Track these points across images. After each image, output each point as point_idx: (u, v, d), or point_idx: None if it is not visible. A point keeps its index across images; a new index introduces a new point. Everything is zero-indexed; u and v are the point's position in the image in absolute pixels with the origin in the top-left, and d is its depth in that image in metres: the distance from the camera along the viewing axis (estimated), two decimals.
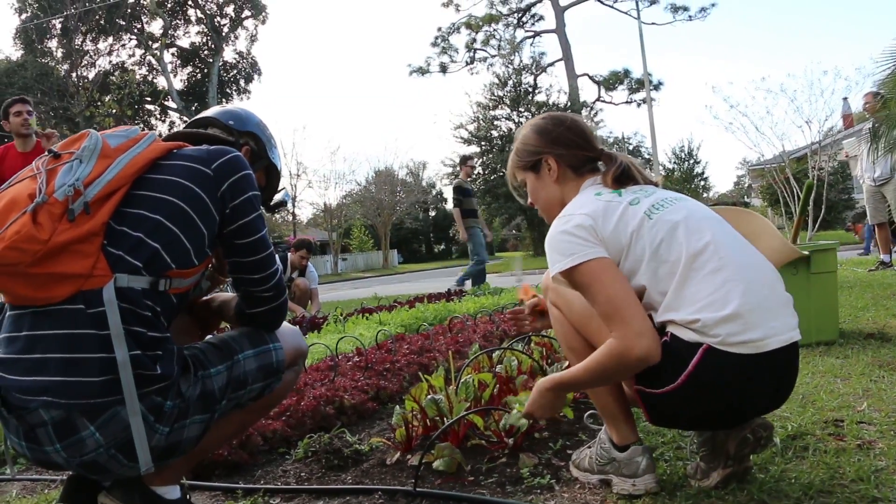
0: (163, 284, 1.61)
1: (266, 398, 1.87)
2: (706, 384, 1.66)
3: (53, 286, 1.51)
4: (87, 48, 37.17)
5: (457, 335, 4.63)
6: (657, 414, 1.81)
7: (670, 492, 1.86)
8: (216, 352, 1.73)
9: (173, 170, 1.71)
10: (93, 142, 1.65)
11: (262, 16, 40.63)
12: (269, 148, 2.11)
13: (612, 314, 1.68)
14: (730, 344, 1.62)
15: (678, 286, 1.70)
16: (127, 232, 1.59)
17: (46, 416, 1.49)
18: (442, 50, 39.61)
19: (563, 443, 2.35)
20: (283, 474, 2.39)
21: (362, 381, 3.39)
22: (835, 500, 1.73)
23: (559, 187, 2.00)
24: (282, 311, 1.90)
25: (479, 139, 37.99)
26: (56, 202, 1.50)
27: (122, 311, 1.52)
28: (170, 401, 1.58)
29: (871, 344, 3.65)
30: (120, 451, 1.55)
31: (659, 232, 1.74)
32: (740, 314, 1.63)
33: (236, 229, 1.75)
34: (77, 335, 1.51)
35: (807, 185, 4.27)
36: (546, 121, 2.06)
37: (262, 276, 1.80)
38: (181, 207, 1.66)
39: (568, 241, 1.76)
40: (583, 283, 1.75)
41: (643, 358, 1.64)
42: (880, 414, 2.39)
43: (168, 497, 1.71)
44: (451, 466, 2.18)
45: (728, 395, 1.68)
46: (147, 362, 1.54)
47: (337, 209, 41.43)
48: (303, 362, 2.04)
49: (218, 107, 2.16)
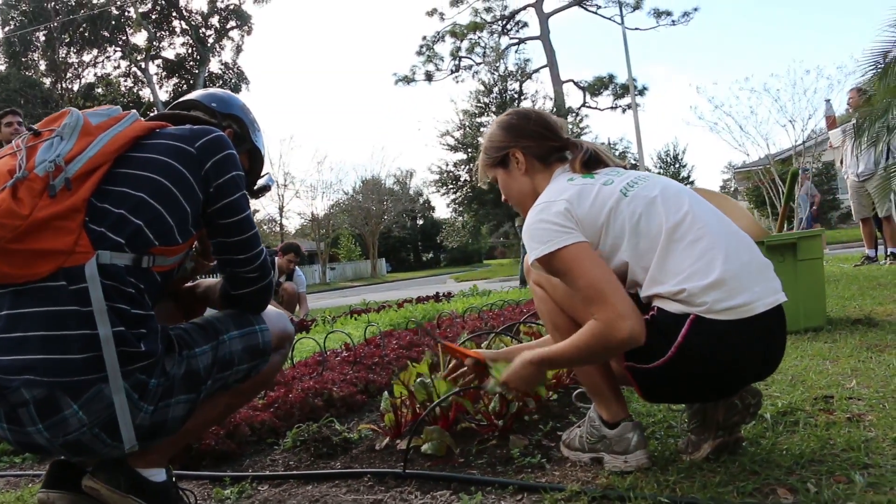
0: (146, 261, 1.59)
1: (252, 380, 1.84)
2: (696, 354, 1.65)
3: (34, 263, 1.48)
4: (71, 60, 37.01)
5: (445, 330, 4.62)
6: (649, 390, 1.80)
7: (662, 467, 1.85)
8: (201, 332, 1.71)
9: (156, 148, 1.69)
10: (74, 119, 1.63)
11: (247, 26, 40.58)
12: (252, 131, 2.08)
13: (593, 297, 1.67)
14: (716, 311, 1.62)
15: (660, 259, 1.69)
16: (109, 209, 1.56)
17: (28, 395, 1.46)
18: (427, 58, 39.66)
19: (553, 425, 2.34)
20: (272, 463, 2.36)
21: (351, 375, 3.37)
22: (826, 468, 1.72)
23: (529, 179, 2.01)
24: (268, 293, 1.88)
25: (465, 146, 38.04)
26: (37, 178, 1.49)
27: (105, 287, 1.50)
28: (154, 379, 1.56)
29: (858, 329, 3.66)
30: (104, 430, 1.52)
31: (637, 207, 1.74)
32: (724, 280, 1.63)
33: (221, 208, 1.72)
34: (59, 312, 1.48)
35: (791, 172, 4.28)
36: (510, 116, 2.07)
37: (248, 257, 1.78)
38: (164, 185, 1.63)
39: (544, 229, 1.75)
40: (561, 269, 1.74)
41: (628, 340, 1.64)
42: (869, 390, 2.39)
43: (154, 479, 1.68)
44: (441, 449, 2.16)
45: (719, 363, 1.67)
46: (131, 339, 1.51)
47: (324, 219, 41.37)
48: (289, 345, 2.01)
49: (201, 90, 2.13)
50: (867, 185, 8.12)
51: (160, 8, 39.36)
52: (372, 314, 6.47)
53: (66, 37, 34.87)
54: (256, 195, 2.17)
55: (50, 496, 1.70)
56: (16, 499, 2.19)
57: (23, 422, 1.49)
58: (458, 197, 39.73)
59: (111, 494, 1.60)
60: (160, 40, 40.28)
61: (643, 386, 1.78)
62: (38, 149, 1.55)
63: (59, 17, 33.35)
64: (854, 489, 1.56)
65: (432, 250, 62.86)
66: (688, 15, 35.91)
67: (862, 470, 1.68)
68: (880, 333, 3.47)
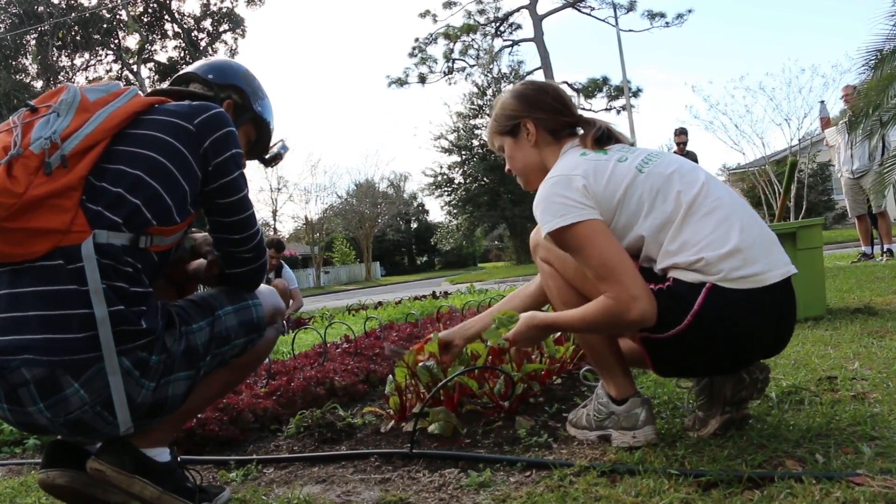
0: (143, 241, 1.57)
1: (249, 355, 1.83)
2: (711, 323, 1.66)
3: (31, 242, 1.47)
4: (63, 63, 36.89)
5: (445, 323, 4.61)
6: (663, 362, 1.80)
7: (670, 442, 1.85)
8: (197, 308, 1.71)
9: (154, 125, 1.67)
10: (71, 95, 1.60)
11: (240, 29, 40.48)
12: (254, 100, 2.01)
13: (606, 276, 1.68)
14: (732, 280, 1.64)
15: (677, 231, 1.71)
16: (106, 188, 1.54)
17: (28, 374, 1.46)
18: (420, 61, 39.62)
19: (559, 407, 2.34)
20: (276, 449, 2.35)
21: (352, 365, 3.36)
22: (833, 440, 1.72)
23: (538, 151, 2.00)
24: (262, 272, 1.87)
25: (459, 148, 38.08)
26: (32, 155, 1.47)
27: (103, 266, 1.49)
28: (155, 355, 1.56)
29: (858, 317, 3.67)
30: (105, 408, 1.51)
31: (655, 183, 1.75)
32: (740, 249, 1.65)
33: (218, 188, 1.70)
34: (58, 291, 1.47)
35: (790, 163, 4.29)
36: (525, 86, 2.07)
37: (243, 237, 1.77)
38: (162, 163, 1.61)
39: (560, 203, 1.75)
40: (574, 245, 1.74)
41: (638, 321, 1.66)
42: (872, 371, 2.40)
43: (159, 459, 1.67)
44: (447, 430, 2.15)
45: (733, 332, 1.68)
46: (131, 317, 1.50)
47: (318, 223, 41.30)
48: (282, 320, 2.01)
49: (202, 60, 2.08)
50: (862, 182, 8.15)
51: (152, 11, 39.26)
52: (370, 310, 6.45)
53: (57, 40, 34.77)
54: (269, 164, 2.13)
55: (49, 475, 1.70)
56: (19, 484, 2.18)
57: (23, 402, 1.48)
58: (453, 200, 39.73)
59: (117, 476, 1.60)
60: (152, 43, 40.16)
61: (656, 359, 1.78)
62: (34, 125, 1.53)
63: (50, 20, 33.24)
64: (862, 458, 1.57)
65: (427, 253, 62.86)
66: (682, 17, 35.95)
67: (869, 442, 1.69)
68: (880, 321, 3.48)
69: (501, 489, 1.68)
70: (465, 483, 1.75)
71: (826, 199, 26.69)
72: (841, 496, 1.37)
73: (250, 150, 2.05)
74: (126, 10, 37.03)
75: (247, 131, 2.00)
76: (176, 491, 1.65)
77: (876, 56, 6.13)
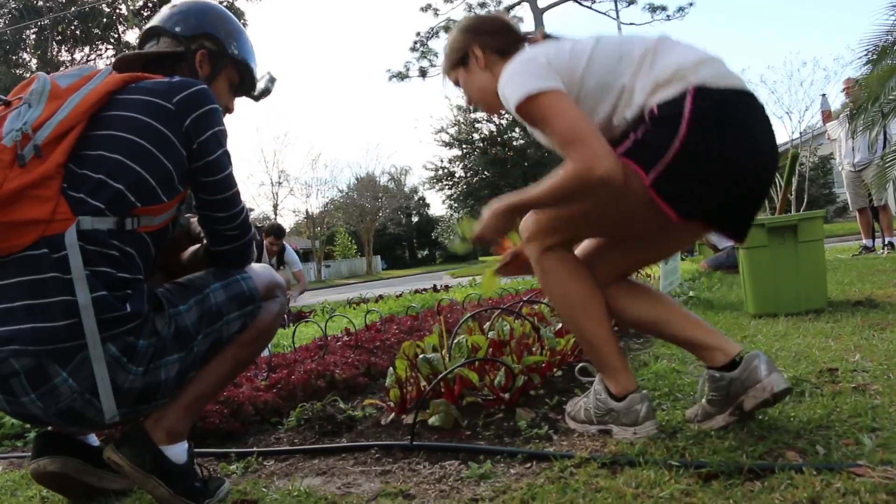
0: (130, 223, 1.57)
1: (253, 330, 1.82)
2: (707, 119, 1.66)
3: (14, 235, 1.48)
4: (63, 58, 36.83)
5: (446, 316, 4.61)
6: (680, 198, 1.70)
7: (670, 434, 1.85)
8: (184, 290, 1.71)
9: (131, 105, 1.64)
10: (41, 84, 1.60)
11: (240, 22, 40.41)
12: (228, 43, 1.92)
13: (573, 140, 1.67)
14: (713, 82, 1.70)
15: (648, 68, 1.75)
16: (88, 174, 1.55)
17: (17, 365, 1.47)
18: (421, 54, 39.53)
19: (559, 399, 2.33)
20: (276, 441, 2.35)
21: (353, 358, 3.36)
22: (834, 432, 1.72)
23: (489, 72, 2.02)
24: (249, 250, 1.86)
25: (460, 142, 38.09)
26: (5, 149, 1.47)
27: (88, 252, 1.49)
28: (143, 340, 1.56)
29: (859, 310, 3.67)
30: (94, 395, 1.52)
31: (617, 45, 1.83)
32: (710, 61, 1.74)
33: (202, 167, 1.70)
34: (41, 280, 1.48)
35: (791, 156, 4.28)
36: (469, 19, 2.14)
37: (228, 215, 1.77)
38: (142, 145, 1.60)
39: (523, 74, 1.76)
40: (539, 116, 1.74)
41: (605, 178, 1.63)
42: (873, 363, 2.39)
43: (176, 461, 1.67)
44: (448, 422, 2.15)
45: (731, 132, 1.69)
46: (114, 303, 1.51)
47: (319, 216, 41.30)
48: (282, 293, 1.97)
49: (167, 7, 1.96)
50: (864, 175, 8.14)
51: (152, 5, 39.14)
52: (371, 303, 6.45)
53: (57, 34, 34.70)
54: (258, 99, 2.08)
55: (40, 463, 1.73)
56: (21, 477, 2.18)
57: (16, 392, 1.50)
58: (454, 193, 39.72)
59: (134, 472, 1.61)
60: None
61: (673, 199, 1.69)
62: (6, 119, 1.53)
63: (50, 14, 33.17)
64: (863, 450, 1.57)
65: (428, 247, 62.83)
66: (683, 10, 35.77)
67: (870, 433, 1.68)
68: (881, 313, 3.47)
69: (502, 481, 1.68)
70: (465, 475, 1.75)
71: (827, 192, 26.68)
72: (842, 487, 1.36)
73: (237, 91, 2.01)
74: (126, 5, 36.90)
75: (228, 75, 1.95)
76: (186, 493, 1.66)
77: (877, 48, 6.12)
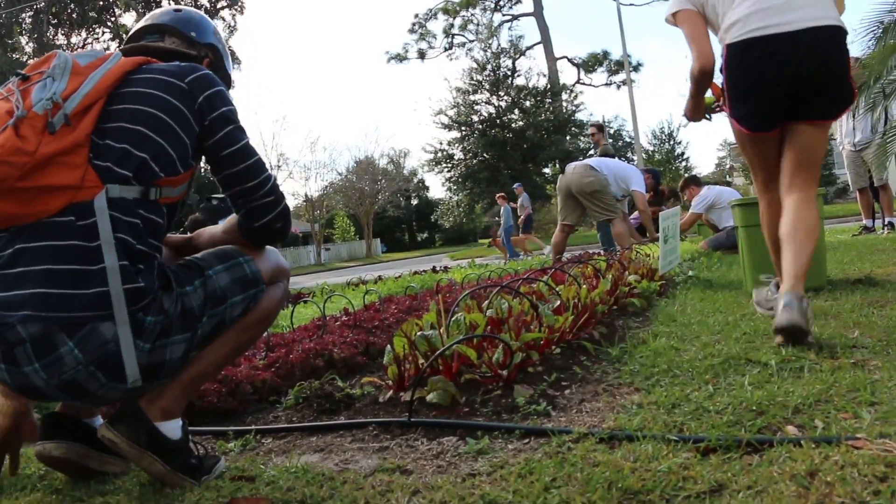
0: (153, 193, 1.62)
1: (254, 313, 1.82)
2: (732, 66, 2.86)
3: (44, 200, 1.50)
4: (59, 42, 36.62)
5: (445, 296, 4.61)
6: (741, 118, 2.96)
7: (668, 409, 1.84)
8: (187, 271, 1.72)
9: (148, 83, 1.71)
10: (63, 60, 1.64)
11: (238, 4, 40.10)
12: (225, 59, 2.10)
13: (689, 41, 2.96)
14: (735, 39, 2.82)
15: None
16: (111, 144, 1.59)
17: (24, 332, 1.46)
18: (420, 36, 39.45)
19: (558, 376, 2.33)
20: (275, 419, 2.35)
21: (351, 337, 3.36)
22: (832, 406, 1.72)
23: None
24: (287, 215, 1.89)
25: (459, 124, 37.95)
26: (36, 116, 1.50)
27: (113, 219, 1.52)
28: (150, 316, 1.56)
29: (858, 288, 3.66)
30: (99, 368, 1.52)
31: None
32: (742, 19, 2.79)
33: (218, 140, 1.75)
34: (61, 246, 1.49)
35: None
36: None
37: (257, 182, 1.79)
38: (161, 118, 1.66)
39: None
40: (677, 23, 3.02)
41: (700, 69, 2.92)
42: (872, 340, 2.39)
43: (171, 437, 1.66)
44: (446, 399, 2.15)
45: (745, 65, 2.81)
46: (131, 273, 1.52)
47: (318, 200, 41.23)
48: (286, 280, 2.00)
49: (171, 10, 2.10)
50: (864, 155, 8.10)
51: None
52: (370, 284, 6.45)
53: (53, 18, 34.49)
54: None
55: (46, 447, 1.73)
56: (27, 459, 2.18)
57: (20, 361, 1.49)
58: (453, 176, 39.62)
59: (129, 449, 1.61)
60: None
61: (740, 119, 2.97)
62: (31, 90, 1.56)
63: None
64: (862, 423, 1.56)
65: (427, 230, 62.81)
66: None
67: (868, 407, 1.68)
68: (881, 291, 3.47)
69: (499, 456, 1.68)
70: (463, 450, 1.75)
71: (827, 173, 26.65)
72: (840, 460, 1.36)
73: None
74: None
75: None
76: (182, 469, 1.66)
77: (880, 25, 6.07)
